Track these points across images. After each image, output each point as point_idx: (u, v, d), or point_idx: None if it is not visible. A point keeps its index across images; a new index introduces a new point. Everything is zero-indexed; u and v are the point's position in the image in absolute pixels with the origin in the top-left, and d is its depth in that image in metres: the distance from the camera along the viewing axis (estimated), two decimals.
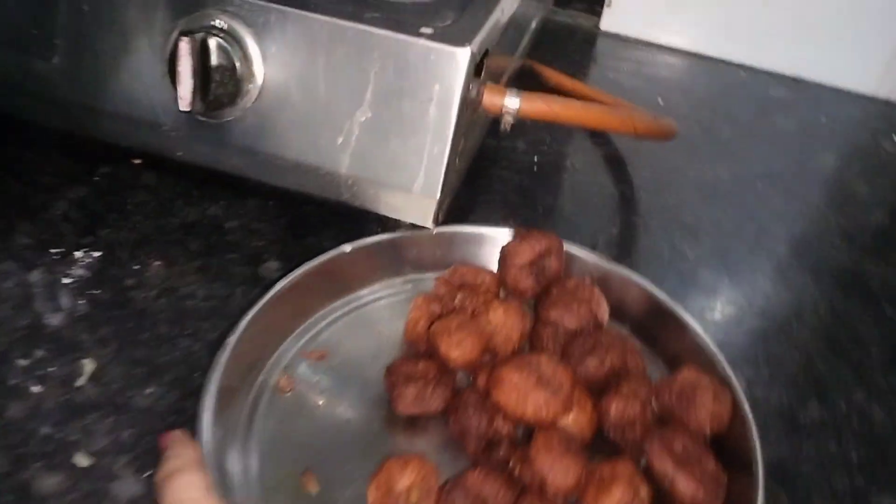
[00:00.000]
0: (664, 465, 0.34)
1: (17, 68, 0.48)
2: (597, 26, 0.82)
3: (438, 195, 0.45)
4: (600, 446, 0.38)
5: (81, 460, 0.37)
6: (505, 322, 0.41)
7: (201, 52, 0.42)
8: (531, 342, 0.42)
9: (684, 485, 0.33)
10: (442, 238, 0.47)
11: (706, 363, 0.40)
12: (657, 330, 0.43)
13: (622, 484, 0.33)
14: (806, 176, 0.64)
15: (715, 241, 0.55)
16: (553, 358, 0.38)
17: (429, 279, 0.46)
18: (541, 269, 0.44)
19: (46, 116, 0.49)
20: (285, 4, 0.43)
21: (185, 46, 0.41)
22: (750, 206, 0.59)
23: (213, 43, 0.43)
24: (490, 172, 0.59)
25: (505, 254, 0.44)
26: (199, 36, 0.42)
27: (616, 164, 0.62)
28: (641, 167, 0.62)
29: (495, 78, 0.55)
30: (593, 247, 0.53)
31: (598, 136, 0.65)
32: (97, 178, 0.52)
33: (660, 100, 0.72)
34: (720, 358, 0.39)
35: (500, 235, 0.47)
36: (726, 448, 0.37)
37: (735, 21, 0.78)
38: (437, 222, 0.47)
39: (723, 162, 0.64)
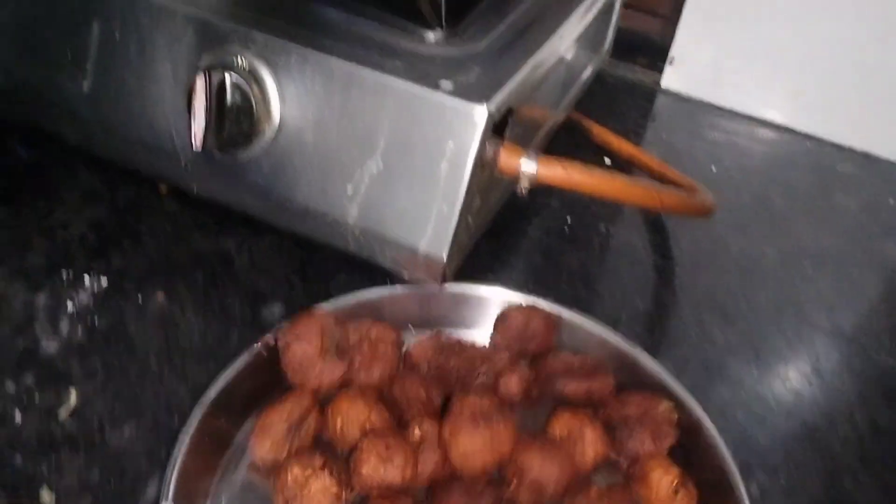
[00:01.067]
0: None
1: (50, 87, 0.49)
2: (657, 83, 0.79)
3: (445, 256, 0.43)
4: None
5: (45, 496, 0.36)
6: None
7: (218, 90, 0.42)
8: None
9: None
10: None
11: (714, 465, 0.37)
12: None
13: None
14: (863, 262, 0.59)
15: (749, 326, 0.51)
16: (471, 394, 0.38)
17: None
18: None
19: (73, 136, 0.50)
20: (308, 45, 0.43)
21: (200, 83, 0.41)
22: (794, 290, 0.55)
23: (231, 81, 0.42)
24: (518, 229, 0.56)
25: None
26: (216, 73, 0.42)
27: (655, 232, 0.59)
28: (682, 237, 0.58)
29: (529, 132, 0.53)
30: (615, 321, 0.50)
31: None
32: (118, 200, 0.53)
33: (713, 166, 0.68)
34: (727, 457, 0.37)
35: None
36: None
37: (804, 88, 0.73)
38: (443, 282, 0.45)
39: (772, 238, 0.60)
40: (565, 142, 0.64)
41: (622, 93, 0.79)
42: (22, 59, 0.50)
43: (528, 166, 0.41)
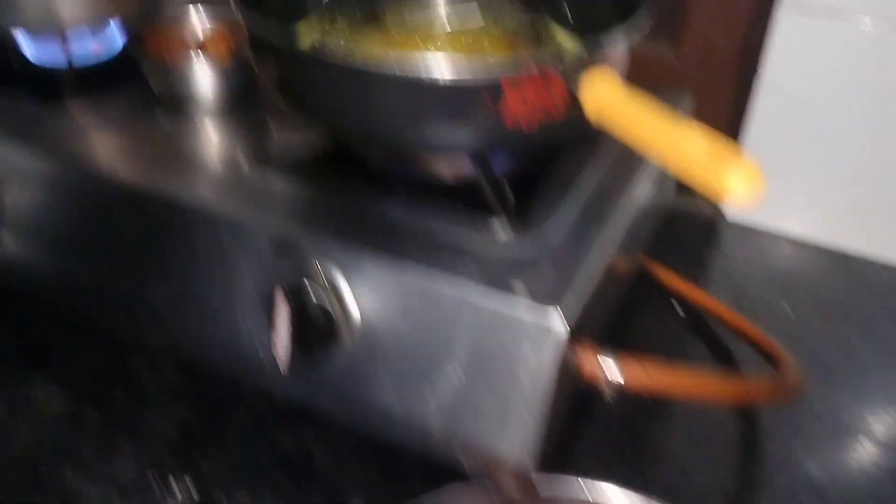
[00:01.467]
0: None
1: (134, 295, 0.50)
2: (719, 212, 0.78)
3: (530, 460, 0.42)
4: None
5: None
6: None
7: (299, 307, 0.43)
8: None
9: None
10: None
11: None
12: None
13: None
14: None
15: None
16: None
17: None
18: None
19: (157, 340, 0.51)
20: (379, 249, 0.43)
21: (281, 300, 0.42)
22: (890, 457, 0.52)
23: (311, 295, 0.43)
24: (597, 401, 0.55)
25: None
26: (295, 287, 0.43)
27: None
28: None
29: (604, 304, 0.52)
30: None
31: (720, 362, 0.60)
32: (202, 395, 0.53)
33: (785, 304, 0.66)
34: None
35: None
36: None
37: (875, 213, 0.72)
38: (529, 480, 0.44)
39: (858, 393, 0.58)
40: (637, 290, 0.63)
41: (682, 224, 0.78)
42: (106, 267, 0.52)
43: (611, 373, 0.41)
